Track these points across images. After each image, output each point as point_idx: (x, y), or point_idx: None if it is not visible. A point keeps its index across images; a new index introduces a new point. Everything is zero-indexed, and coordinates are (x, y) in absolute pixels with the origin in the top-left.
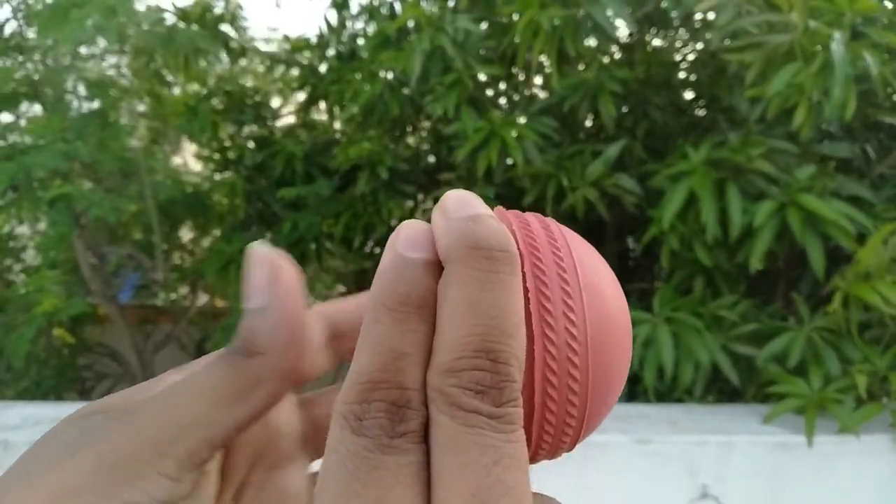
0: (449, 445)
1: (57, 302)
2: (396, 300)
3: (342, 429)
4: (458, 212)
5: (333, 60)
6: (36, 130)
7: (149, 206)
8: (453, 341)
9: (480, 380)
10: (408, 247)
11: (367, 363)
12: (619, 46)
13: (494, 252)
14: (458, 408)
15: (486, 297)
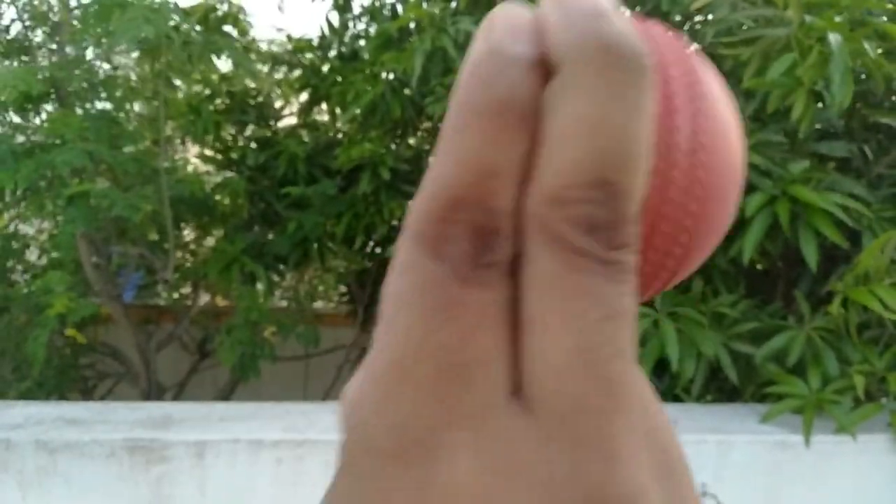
0: (550, 291)
1: (69, 303)
2: (492, 105)
3: (416, 249)
4: (582, 3)
5: (335, 61)
6: (55, 129)
7: (164, 206)
8: (565, 163)
9: (594, 214)
10: (509, 38)
11: (450, 176)
12: None
13: (628, 61)
14: (565, 245)
15: (613, 114)
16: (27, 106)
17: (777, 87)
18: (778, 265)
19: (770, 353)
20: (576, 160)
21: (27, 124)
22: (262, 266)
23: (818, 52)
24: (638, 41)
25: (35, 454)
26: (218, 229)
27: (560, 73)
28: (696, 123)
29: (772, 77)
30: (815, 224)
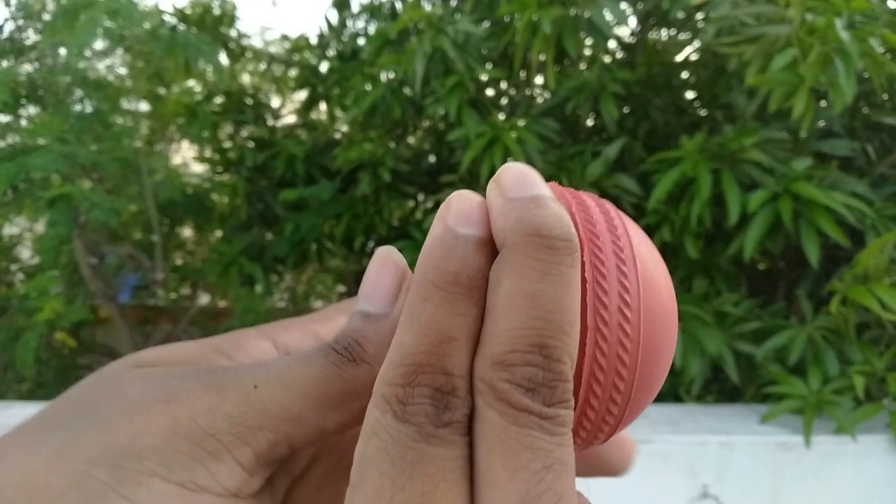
0: (497, 445)
1: (58, 307)
2: (446, 279)
3: (384, 412)
4: (518, 190)
5: (334, 60)
6: (36, 131)
7: (149, 207)
8: (506, 333)
9: (533, 376)
10: (460, 222)
11: (412, 344)
12: (622, 46)
13: (556, 241)
14: (508, 404)
15: (545, 289)
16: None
17: (779, 84)
18: (780, 265)
19: (770, 352)
20: (515, 328)
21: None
22: (260, 267)
23: (820, 49)
24: (566, 223)
25: None
26: (216, 230)
27: (501, 254)
28: (621, 285)
29: (773, 72)
30: (817, 222)
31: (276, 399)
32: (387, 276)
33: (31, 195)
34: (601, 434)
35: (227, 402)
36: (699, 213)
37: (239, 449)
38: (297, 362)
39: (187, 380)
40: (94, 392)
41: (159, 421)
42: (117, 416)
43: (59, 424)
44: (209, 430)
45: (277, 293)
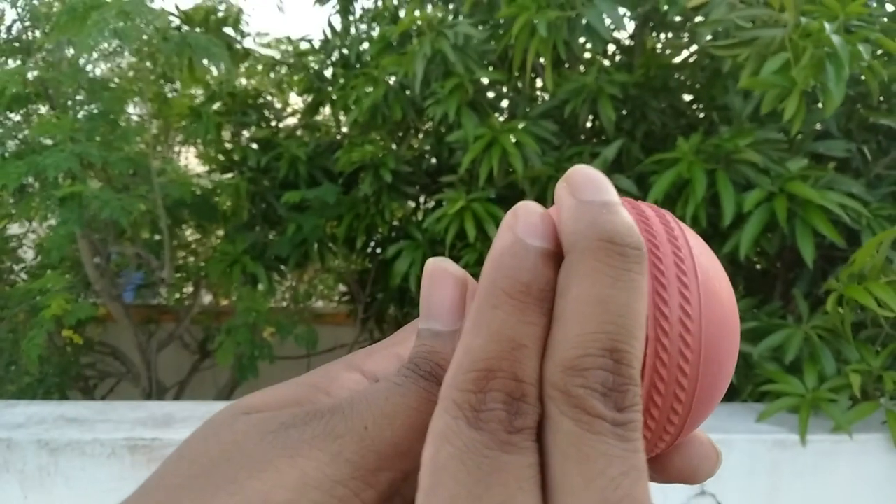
0: (573, 453)
1: (64, 304)
2: (518, 288)
3: (456, 419)
4: (590, 193)
5: (338, 64)
6: (46, 130)
7: (157, 207)
8: (578, 337)
9: (605, 381)
10: (530, 233)
11: (482, 349)
12: (620, 49)
13: (628, 249)
14: (583, 411)
15: (617, 295)
16: (14, 107)
17: (771, 87)
18: (776, 265)
19: (767, 351)
20: (587, 333)
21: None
22: (262, 267)
23: (812, 53)
24: (635, 230)
25: (36, 453)
26: (219, 230)
27: (570, 258)
28: (682, 296)
29: (764, 76)
30: (812, 221)
31: (387, 439)
32: (449, 290)
33: (41, 194)
34: (661, 443)
35: (346, 450)
36: (694, 212)
37: (365, 492)
38: (392, 394)
39: (301, 429)
40: (209, 448)
41: (289, 475)
42: (244, 476)
43: (186, 485)
44: (336, 478)
45: (279, 293)
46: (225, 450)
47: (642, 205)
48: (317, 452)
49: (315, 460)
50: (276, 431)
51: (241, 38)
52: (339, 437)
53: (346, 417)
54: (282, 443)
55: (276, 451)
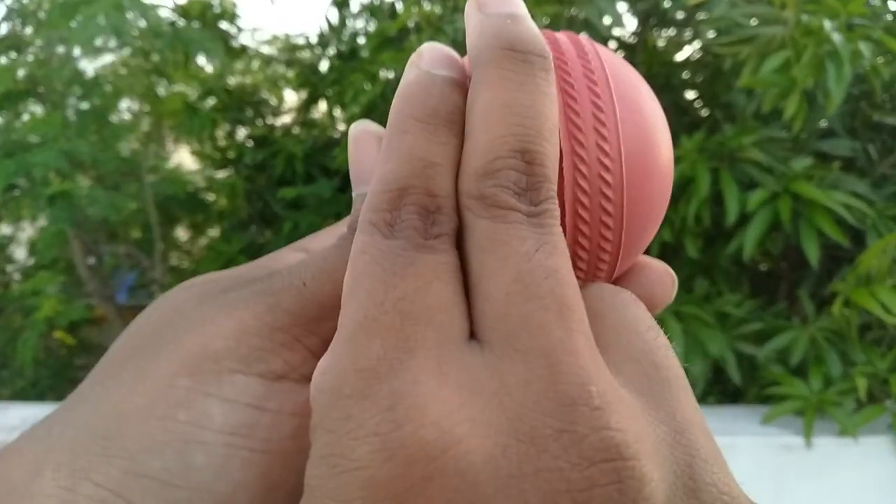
0: (487, 244)
1: (56, 306)
2: (425, 112)
3: (372, 234)
4: (496, 6)
5: (334, 59)
6: (36, 128)
7: (148, 205)
8: (487, 143)
9: (517, 181)
10: (435, 65)
11: (394, 170)
12: (622, 46)
13: (531, 56)
14: (497, 207)
15: (522, 97)
16: (4, 105)
17: (772, 85)
18: (781, 266)
19: (772, 353)
20: (495, 138)
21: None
22: None
23: (813, 51)
24: (540, 38)
25: None
26: (214, 228)
27: (477, 72)
28: (594, 105)
29: (764, 74)
30: (816, 221)
31: (326, 291)
32: (373, 150)
33: (31, 193)
34: (602, 264)
35: (283, 302)
36: (697, 211)
37: (308, 338)
38: (330, 253)
39: (239, 290)
40: (154, 320)
41: (227, 325)
42: (184, 333)
43: (131, 355)
44: (275, 325)
45: None
46: (167, 318)
47: (558, 33)
48: (254, 304)
49: (252, 311)
50: (215, 295)
51: (238, 33)
52: (275, 292)
53: (283, 277)
54: (221, 302)
55: (214, 309)
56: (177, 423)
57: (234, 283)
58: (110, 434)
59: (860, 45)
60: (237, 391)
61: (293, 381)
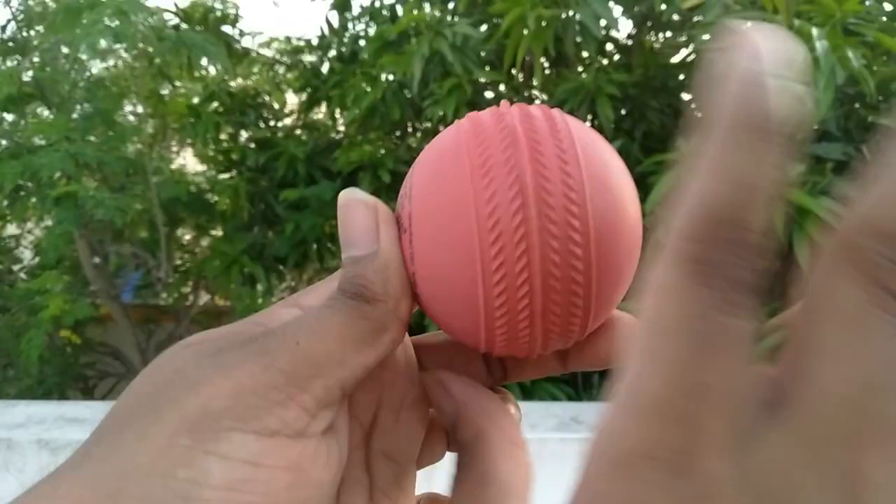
0: (852, 325)
1: (63, 305)
2: (767, 126)
3: (680, 272)
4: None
5: (335, 62)
6: (41, 130)
7: (153, 206)
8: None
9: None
10: (777, 63)
11: (717, 192)
12: (618, 48)
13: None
14: (874, 281)
15: None
16: (10, 107)
17: None
18: (775, 265)
19: (766, 352)
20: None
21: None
22: (261, 267)
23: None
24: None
25: (37, 453)
26: (217, 229)
27: None
28: (566, 187)
29: None
30: (808, 229)
31: (319, 350)
32: (360, 216)
33: (38, 194)
34: (573, 326)
35: (277, 361)
36: None
37: (300, 396)
38: (322, 314)
39: (236, 349)
40: (153, 379)
41: (224, 385)
42: (184, 394)
43: (133, 415)
44: (270, 384)
45: (278, 293)
46: (167, 378)
47: (532, 107)
48: (249, 364)
49: (248, 371)
50: (213, 355)
51: (240, 37)
52: (270, 352)
53: (277, 337)
54: (218, 362)
55: (212, 369)
56: (177, 480)
57: (230, 342)
58: (113, 493)
59: (848, 50)
60: (234, 448)
61: (286, 436)
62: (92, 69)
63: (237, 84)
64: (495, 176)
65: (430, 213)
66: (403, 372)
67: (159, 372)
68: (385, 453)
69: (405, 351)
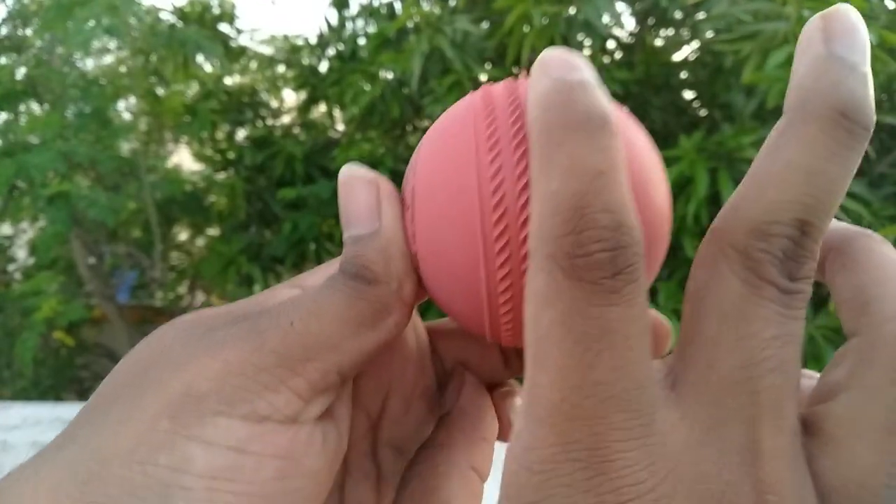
0: (732, 312)
1: (56, 306)
2: (577, 118)
3: (551, 272)
4: (849, 52)
5: (334, 60)
6: (34, 128)
7: (147, 205)
8: (773, 203)
9: (786, 249)
10: (566, 71)
11: (560, 188)
12: (620, 46)
13: (858, 129)
14: (756, 275)
15: (829, 168)
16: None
17: (775, 81)
18: None
19: None
20: (784, 201)
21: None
22: (258, 267)
23: None
24: (872, 106)
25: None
26: (214, 229)
27: (786, 118)
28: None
29: (769, 69)
30: None
31: (314, 331)
32: (361, 193)
33: (30, 194)
34: None
35: (269, 342)
36: (696, 211)
37: (292, 380)
38: (320, 294)
39: (226, 328)
40: (140, 358)
41: (211, 366)
42: (168, 374)
43: (117, 396)
44: (260, 366)
45: None
46: (154, 358)
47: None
48: (239, 344)
49: (238, 350)
50: (202, 334)
51: (237, 35)
52: (262, 331)
53: (271, 316)
54: (206, 342)
55: (200, 349)
56: (157, 467)
57: (222, 321)
58: (91, 478)
59: None
60: (219, 434)
61: (276, 422)
62: (86, 66)
63: (234, 82)
64: (502, 150)
65: (433, 189)
66: (415, 359)
67: (147, 350)
68: (393, 443)
69: (417, 337)
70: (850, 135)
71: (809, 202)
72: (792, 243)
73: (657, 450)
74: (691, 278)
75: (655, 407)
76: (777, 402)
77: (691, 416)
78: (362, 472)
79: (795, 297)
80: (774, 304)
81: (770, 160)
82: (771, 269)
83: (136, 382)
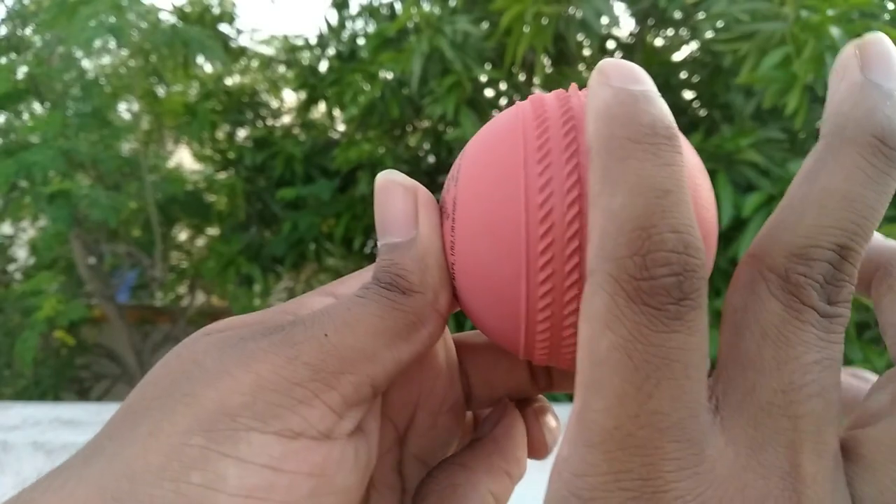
0: (773, 334)
1: (57, 305)
2: (642, 132)
3: (613, 294)
4: (880, 76)
5: (333, 60)
6: (36, 128)
7: (148, 205)
8: (813, 227)
9: (825, 273)
10: (628, 80)
11: (626, 207)
12: (620, 46)
13: (894, 153)
14: (796, 298)
15: (867, 194)
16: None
17: (772, 81)
18: None
19: None
20: (823, 226)
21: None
22: (259, 267)
23: (814, 46)
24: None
25: (32, 455)
26: (214, 229)
27: (824, 144)
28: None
29: (765, 69)
30: None
31: (348, 343)
32: (398, 200)
33: (31, 193)
34: None
35: (303, 354)
36: None
37: (326, 394)
38: (354, 304)
39: (259, 340)
40: (171, 369)
41: (244, 380)
42: (201, 387)
43: (147, 408)
44: (294, 380)
45: (275, 293)
46: (185, 369)
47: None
48: (273, 357)
49: (271, 364)
50: (234, 345)
51: (238, 35)
52: (296, 343)
53: (305, 327)
54: (238, 354)
55: (232, 361)
56: (189, 485)
57: (254, 331)
58: (121, 496)
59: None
60: (253, 451)
61: (310, 438)
62: (87, 66)
63: (234, 82)
64: (552, 162)
65: (476, 198)
66: (444, 372)
67: (178, 361)
68: (419, 457)
69: (447, 350)
70: (887, 160)
71: (848, 227)
72: (832, 268)
73: (707, 477)
74: (727, 302)
75: (705, 434)
76: (818, 426)
77: (735, 441)
78: (388, 486)
79: (835, 321)
80: (815, 328)
81: (808, 185)
82: (811, 293)
83: (166, 395)
